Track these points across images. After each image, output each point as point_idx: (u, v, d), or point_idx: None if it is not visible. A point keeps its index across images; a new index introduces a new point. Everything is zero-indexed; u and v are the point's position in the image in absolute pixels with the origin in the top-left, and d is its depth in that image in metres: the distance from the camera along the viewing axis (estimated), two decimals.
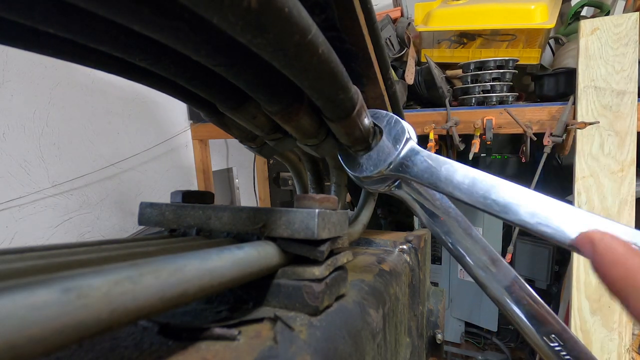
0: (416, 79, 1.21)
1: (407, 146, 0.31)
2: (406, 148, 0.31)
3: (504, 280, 0.31)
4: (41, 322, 0.09)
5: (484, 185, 0.27)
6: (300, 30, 0.15)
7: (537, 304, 0.30)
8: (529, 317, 0.30)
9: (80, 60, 0.21)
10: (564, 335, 0.29)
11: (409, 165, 0.30)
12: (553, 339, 0.29)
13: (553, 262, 1.32)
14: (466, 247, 0.33)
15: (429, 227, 0.34)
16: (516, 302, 0.31)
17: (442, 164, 0.29)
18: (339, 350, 0.19)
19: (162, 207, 0.26)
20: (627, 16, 0.91)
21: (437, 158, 0.30)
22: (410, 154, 0.31)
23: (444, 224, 0.34)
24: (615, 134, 0.90)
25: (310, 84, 0.20)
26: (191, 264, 0.14)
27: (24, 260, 0.14)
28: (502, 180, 0.27)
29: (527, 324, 0.30)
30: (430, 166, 0.30)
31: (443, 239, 0.34)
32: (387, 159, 0.31)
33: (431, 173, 0.29)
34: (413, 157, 0.31)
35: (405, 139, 0.31)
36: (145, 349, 0.17)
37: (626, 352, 0.86)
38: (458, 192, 0.28)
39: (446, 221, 0.34)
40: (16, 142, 0.95)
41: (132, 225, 1.28)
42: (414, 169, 0.30)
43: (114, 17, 0.15)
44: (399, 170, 0.31)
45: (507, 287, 0.31)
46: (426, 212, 0.35)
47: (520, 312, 0.30)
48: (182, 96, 0.28)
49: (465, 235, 0.33)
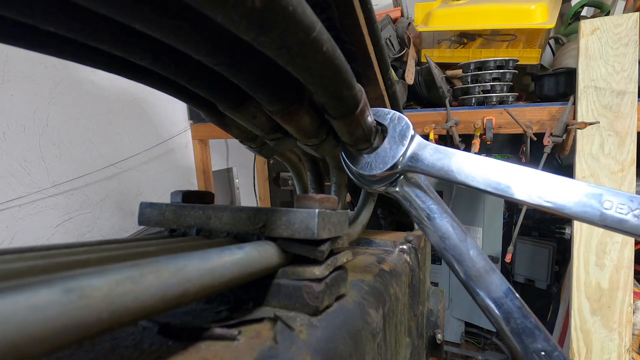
0: (416, 79, 1.21)
1: (415, 141, 0.31)
2: (414, 143, 0.31)
3: (495, 291, 0.31)
4: (42, 322, 0.09)
5: (497, 171, 0.28)
6: (304, 28, 0.15)
7: (528, 320, 0.29)
8: (516, 333, 0.29)
9: (80, 60, 0.21)
10: (553, 354, 0.28)
11: (418, 159, 0.31)
12: (543, 357, 0.28)
13: (553, 262, 1.32)
14: (459, 254, 0.32)
15: (422, 230, 0.34)
16: (505, 316, 0.30)
17: (452, 154, 0.30)
18: (339, 350, 0.19)
19: (162, 207, 0.26)
20: (627, 16, 0.91)
21: (445, 150, 0.30)
22: (419, 148, 0.31)
23: (440, 226, 0.34)
24: (616, 134, 0.90)
25: (315, 81, 0.20)
26: (192, 264, 0.14)
27: (24, 260, 0.14)
28: (514, 165, 0.28)
29: (513, 341, 0.29)
30: (441, 158, 0.30)
31: (437, 243, 0.34)
32: (396, 155, 0.31)
33: (442, 165, 0.30)
34: (422, 151, 0.31)
35: (411, 135, 0.31)
36: (145, 349, 0.17)
37: (626, 352, 0.86)
38: (471, 180, 0.28)
39: (442, 224, 0.34)
40: (16, 142, 0.95)
41: (132, 225, 1.28)
42: (424, 162, 0.30)
43: (114, 16, 0.15)
44: (409, 165, 0.31)
45: (497, 298, 0.30)
46: (421, 214, 0.35)
47: (507, 327, 0.30)
48: (182, 96, 0.28)
49: (461, 241, 0.33)
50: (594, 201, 0.25)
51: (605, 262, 0.88)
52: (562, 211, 0.26)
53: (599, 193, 0.25)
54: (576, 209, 0.25)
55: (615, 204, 0.24)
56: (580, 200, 0.25)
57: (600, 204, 0.25)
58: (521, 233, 1.40)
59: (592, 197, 0.25)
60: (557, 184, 0.26)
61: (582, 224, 0.90)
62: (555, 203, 0.26)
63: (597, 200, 0.25)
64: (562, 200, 0.26)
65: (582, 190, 0.25)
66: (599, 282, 0.89)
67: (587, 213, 0.25)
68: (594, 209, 0.25)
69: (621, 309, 0.86)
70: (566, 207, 0.26)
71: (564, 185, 0.26)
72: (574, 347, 0.89)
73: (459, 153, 0.30)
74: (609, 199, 0.24)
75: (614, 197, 0.25)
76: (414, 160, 0.31)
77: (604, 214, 0.24)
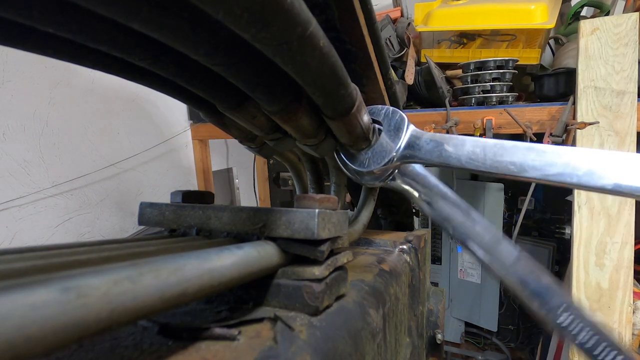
0: (416, 79, 1.21)
1: (409, 132, 0.31)
2: (409, 134, 0.31)
3: (507, 258, 0.31)
4: (40, 321, 0.09)
5: (496, 150, 0.27)
6: (302, 23, 0.15)
7: (542, 280, 0.30)
8: (534, 294, 0.29)
9: (79, 61, 0.21)
10: (571, 307, 0.28)
11: (415, 149, 0.31)
12: (561, 312, 0.28)
13: (553, 262, 1.33)
14: (467, 230, 0.32)
15: (428, 215, 0.34)
16: (521, 280, 0.30)
17: (449, 139, 0.30)
18: (339, 350, 0.19)
19: (162, 207, 0.26)
20: (627, 16, 0.91)
21: (442, 136, 0.30)
22: (414, 139, 0.31)
23: (443, 209, 0.33)
24: (615, 134, 0.90)
25: (313, 80, 0.20)
26: (191, 264, 0.14)
27: (24, 260, 0.14)
28: (511, 142, 0.27)
29: (534, 301, 0.29)
30: (438, 144, 0.30)
31: (444, 225, 0.34)
32: (392, 148, 0.31)
33: (440, 151, 0.30)
34: (418, 141, 0.31)
35: (406, 126, 0.31)
36: (145, 349, 0.17)
37: None
38: (470, 163, 0.28)
39: (444, 206, 0.34)
40: (16, 142, 0.95)
41: (132, 225, 1.28)
42: (421, 152, 0.31)
43: (112, 16, 0.15)
44: (406, 157, 0.31)
45: (511, 265, 0.31)
46: (424, 200, 0.35)
47: (525, 293, 0.30)
48: (182, 96, 0.28)
49: (465, 219, 0.33)
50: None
51: (605, 262, 0.88)
52: (564, 181, 0.25)
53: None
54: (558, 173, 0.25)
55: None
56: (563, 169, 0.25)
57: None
58: (521, 233, 1.40)
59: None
60: (567, 156, 0.26)
61: (582, 224, 0.90)
62: (557, 174, 0.26)
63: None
64: (560, 169, 0.25)
65: (591, 159, 0.25)
66: (598, 282, 0.89)
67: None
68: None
69: (621, 309, 0.86)
70: (549, 176, 0.25)
71: (579, 156, 0.25)
72: (574, 347, 0.89)
73: (456, 137, 0.30)
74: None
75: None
76: (410, 150, 0.31)
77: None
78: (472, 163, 0.28)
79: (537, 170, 0.26)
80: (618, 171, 0.24)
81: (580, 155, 0.25)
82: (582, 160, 0.25)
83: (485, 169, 0.28)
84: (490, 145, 0.28)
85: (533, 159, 0.26)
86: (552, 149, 0.26)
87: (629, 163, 0.24)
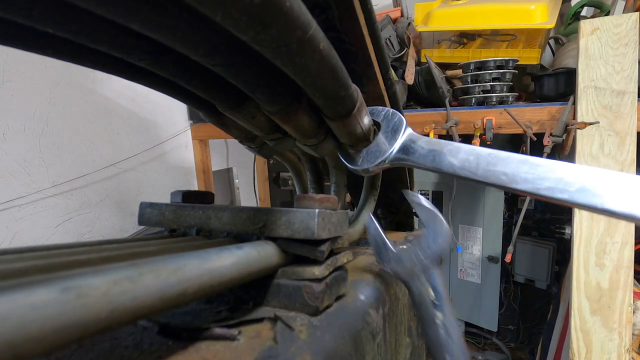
0: (416, 79, 1.21)
1: (406, 135, 0.31)
2: (405, 136, 0.31)
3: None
4: (40, 321, 0.09)
5: (490, 159, 0.27)
6: (301, 26, 0.15)
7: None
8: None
9: (79, 61, 0.21)
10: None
11: (409, 153, 0.31)
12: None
13: (553, 262, 1.32)
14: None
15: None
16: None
17: (444, 145, 0.30)
18: (339, 350, 0.19)
19: (162, 207, 0.26)
20: (627, 16, 0.91)
21: (438, 141, 0.30)
22: (410, 142, 0.31)
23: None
24: (615, 134, 0.90)
25: (313, 82, 0.20)
26: (191, 264, 0.14)
27: (24, 260, 0.14)
28: (506, 153, 0.27)
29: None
30: (432, 149, 0.30)
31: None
32: (387, 149, 0.31)
33: (434, 156, 0.30)
34: (413, 145, 0.31)
35: (404, 129, 0.31)
36: (145, 349, 0.17)
37: (626, 352, 0.86)
38: (463, 170, 0.28)
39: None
40: (16, 142, 0.95)
41: (132, 225, 1.28)
42: (415, 155, 0.31)
43: (112, 16, 0.15)
44: (399, 159, 0.31)
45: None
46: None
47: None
48: (182, 96, 0.28)
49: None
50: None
51: (605, 262, 0.88)
52: (554, 196, 0.25)
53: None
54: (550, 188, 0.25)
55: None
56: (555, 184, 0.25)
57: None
58: (521, 233, 1.40)
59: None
60: (559, 171, 0.25)
61: (582, 224, 0.90)
62: (549, 188, 0.25)
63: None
64: (552, 184, 0.25)
65: (584, 176, 0.25)
66: (598, 282, 0.89)
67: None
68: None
69: (621, 309, 0.86)
70: (541, 189, 0.25)
71: (572, 172, 0.25)
72: (574, 347, 0.89)
73: (452, 144, 0.29)
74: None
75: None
76: (405, 153, 0.31)
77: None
78: (465, 171, 0.28)
79: (528, 182, 0.26)
80: (611, 192, 0.23)
81: (574, 172, 0.25)
82: (576, 177, 0.24)
83: (477, 178, 0.28)
84: (484, 154, 0.28)
85: (526, 171, 0.26)
86: (547, 162, 0.26)
87: (624, 185, 0.23)
